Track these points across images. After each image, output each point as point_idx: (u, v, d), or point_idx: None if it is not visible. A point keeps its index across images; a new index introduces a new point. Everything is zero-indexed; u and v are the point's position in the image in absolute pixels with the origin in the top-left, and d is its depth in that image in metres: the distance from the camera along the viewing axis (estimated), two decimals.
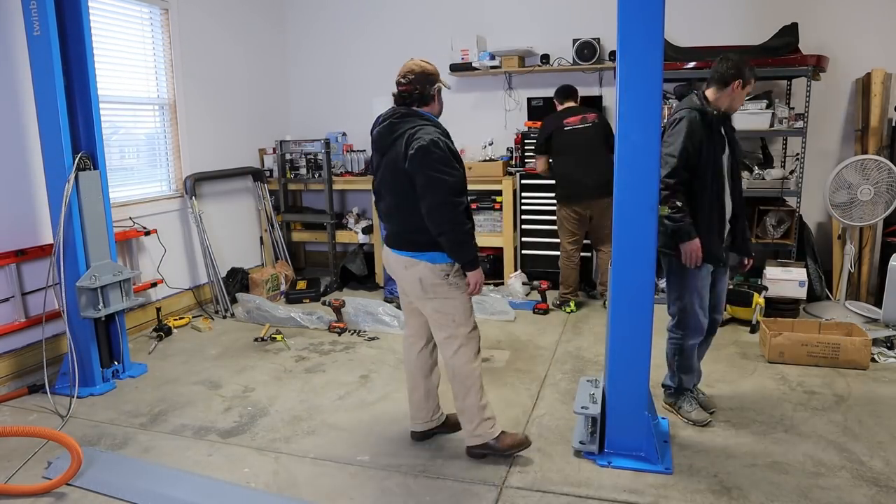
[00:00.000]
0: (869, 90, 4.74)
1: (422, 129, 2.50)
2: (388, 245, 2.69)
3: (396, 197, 2.57)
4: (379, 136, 2.61)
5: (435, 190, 2.43)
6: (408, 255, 2.59)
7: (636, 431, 2.64)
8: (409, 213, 2.53)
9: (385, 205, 2.67)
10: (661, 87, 2.42)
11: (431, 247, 2.54)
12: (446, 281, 2.57)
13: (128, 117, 4.60)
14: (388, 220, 2.68)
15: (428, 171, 2.43)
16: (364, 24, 6.08)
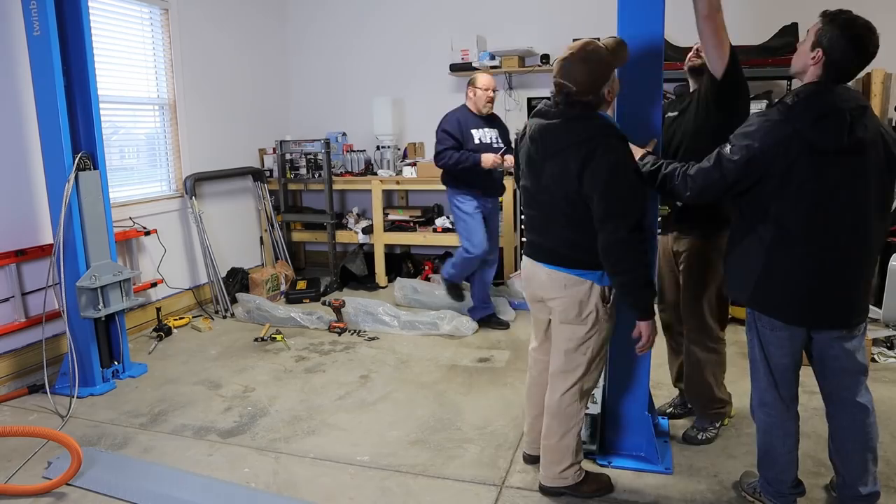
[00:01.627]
0: (869, 90, 4.74)
1: (603, 143, 2.06)
2: (538, 259, 2.30)
3: (557, 211, 2.19)
4: (542, 136, 2.17)
5: (616, 224, 2.05)
6: (572, 272, 2.21)
7: (636, 431, 2.64)
8: (573, 228, 2.17)
9: (537, 213, 2.27)
10: (661, 87, 2.43)
11: (599, 266, 2.18)
12: (605, 307, 2.24)
13: (128, 117, 4.60)
14: (541, 232, 2.28)
15: (610, 203, 2.05)
16: (364, 24, 6.08)
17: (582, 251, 2.19)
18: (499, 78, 5.72)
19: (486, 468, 2.67)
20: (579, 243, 2.19)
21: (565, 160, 2.10)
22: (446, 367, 3.79)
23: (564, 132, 2.12)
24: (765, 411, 2.22)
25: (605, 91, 2.11)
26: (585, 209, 2.12)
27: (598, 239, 2.11)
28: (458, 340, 4.24)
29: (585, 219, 2.13)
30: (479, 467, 2.68)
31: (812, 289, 2.01)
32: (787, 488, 2.24)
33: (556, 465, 2.41)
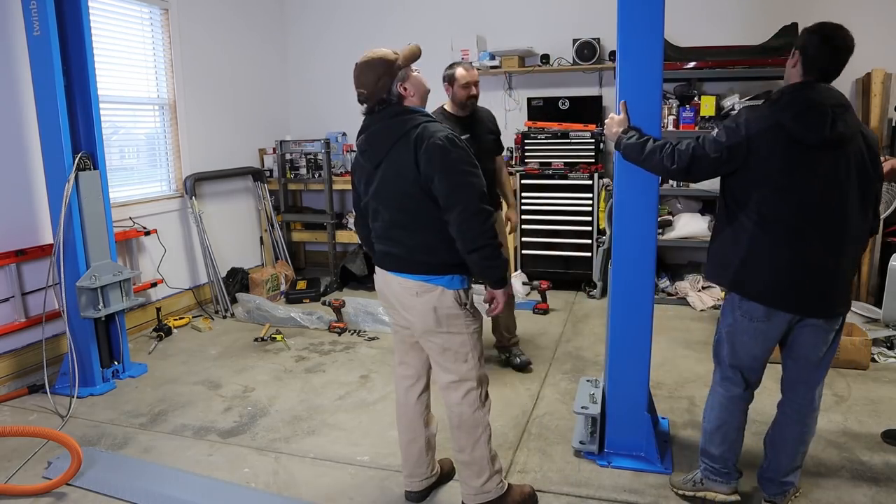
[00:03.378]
0: (869, 90, 4.74)
1: (428, 126, 2.09)
2: (388, 269, 2.22)
3: (401, 213, 2.14)
4: (370, 142, 2.17)
5: (464, 196, 2.04)
6: (420, 279, 2.14)
7: (636, 431, 2.64)
8: (419, 230, 2.13)
9: (382, 223, 2.20)
10: (661, 87, 2.43)
11: (448, 269, 2.14)
12: (464, 311, 2.18)
13: (128, 117, 4.60)
14: (388, 241, 2.20)
15: (452, 175, 2.04)
16: (364, 24, 6.07)
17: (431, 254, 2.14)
18: (499, 78, 5.73)
19: None
20: (429, 246, 2.14)
21: (398, 155, 2.09)
22: None
23: (387, 131, 2.12)
24: (725, 386, 2.32)
25: (399, 88, 2.12)
26: (430, 204, 2.08)
27: (449, 223, 2.07)
28: None
29: (431, 217, 2.10)
30: None
31: (791, 275, 2.08)
32: (732, 466, 2.34)
33: (476, 478, 2.29)
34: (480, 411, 2.27)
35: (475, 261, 2.10)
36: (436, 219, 2.10)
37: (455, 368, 2.23)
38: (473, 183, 2.06)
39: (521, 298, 5.03)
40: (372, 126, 2.17)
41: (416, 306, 2.16)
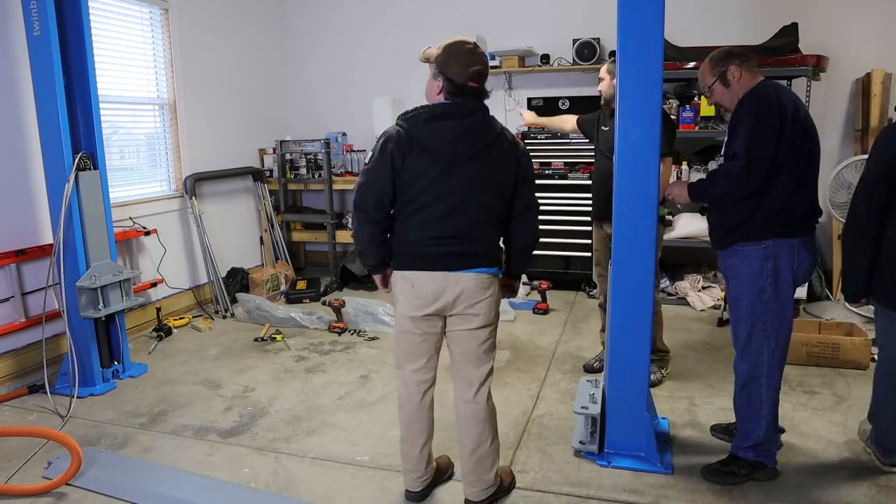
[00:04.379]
0: (869, 90, 4.74)
1: (507, 130, 2.26)
2: (460, 267, 2.16)
3: (486, 208, 2.17)
4: (470, 133, 2.12)
5: (536, 200, 2.30)
6: (490, 272, 2.20)
7: (636, 431, 2.64)
8: (492, 226, 2.21)
9: (465, 220, 2.14)
10: (661, 87, 2.43)
11: (498, 262, 2.27)
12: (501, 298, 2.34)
13: (128, 117, 4.60)
14: (464, 238, 2.15)
15: (533, 182, 2.27)
16: (364, 24, 6.08)
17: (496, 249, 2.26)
18: (499, 78, 5.74)
19: None
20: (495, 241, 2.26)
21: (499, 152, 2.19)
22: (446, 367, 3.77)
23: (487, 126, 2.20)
24: None
25: None
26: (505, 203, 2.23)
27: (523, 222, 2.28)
28: None
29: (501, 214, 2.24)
30: None
31: None
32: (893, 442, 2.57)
33: (489, 471, 2.35)
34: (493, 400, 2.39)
35: (527, 255, 2.36)
36: (502, 216, 2.25)
37: (489, 360, 2.33)
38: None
39: (521, 298, 5.03)
40: (468, 117, 2.14)
41: (486, 298, 2.22)
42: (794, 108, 2.35)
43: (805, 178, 2.38)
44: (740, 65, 2.45)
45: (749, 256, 2.42)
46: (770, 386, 2.46)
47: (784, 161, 2.32)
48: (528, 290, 5.17)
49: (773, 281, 2.39)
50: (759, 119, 2.31)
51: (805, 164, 2.37)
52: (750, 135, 2.31)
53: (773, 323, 2.42)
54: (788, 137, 2.31)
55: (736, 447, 2.54)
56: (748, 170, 2.32)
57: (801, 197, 2.38)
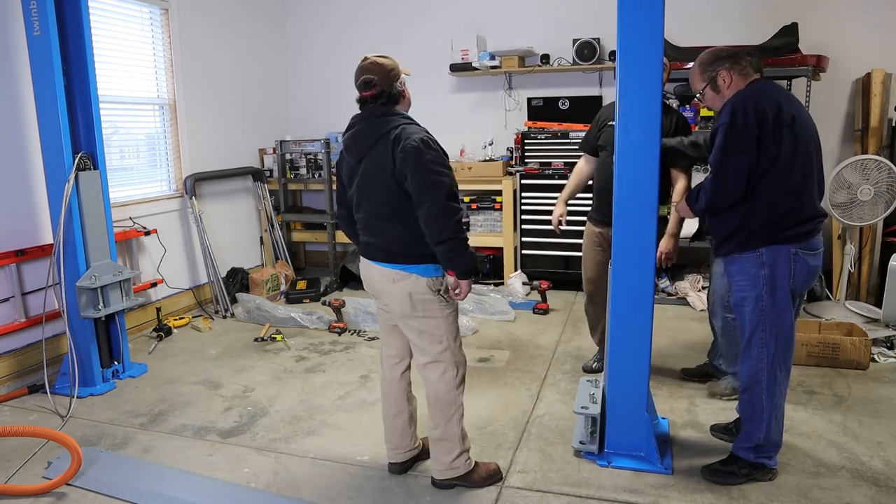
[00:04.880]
0: (869, 90, 4.74)
1: (406, 127, 2.30)
2: (370, 258, 2.43)
3: (381, 205, 2.34)
4: (355, 139, 2.36)
5: (433, 194, 2.23)
6: (397, 267, 2.35)
7: (636, 431, 2.64)
8: (396, 222, 2.33)
9: (365, 214, 2.40)
10: (661, 87, 2.43)
11: (422, 259, 2.34)
12: (437, 296, 2.37)
13: (128, 117, 4.60)
14: (370, 231, 2.41)
15: (423, 174, 2.23)
16: (364, 25, 6.08)
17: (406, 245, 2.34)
18: (499, 78, 5.73)
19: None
20: (405, 238, 2.33)
21: (379, 153, 2.29)
22: None
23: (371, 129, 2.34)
24: None
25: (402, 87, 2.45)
26: (405, 199, 2.28)
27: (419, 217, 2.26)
28: None
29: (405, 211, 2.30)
30: None
31: None
32: None
33: (446, 454, 2.48)
34: (455, 391, 2.46)
35: (441, 252, 2.29)
36: (410, 213, 2.29)
37: (430, 349, 2.43)
38: (442, 182, 2.24)
39: (521, 298, 5.03)
40: (358, 125, 2.37)
41: (392, 292, 2.38)
42: (777, 112, 2.27)
43: (797, 184, 2.32)
44: (730, 68, 2.41)
45: (745, 264, 2.40)
46: (771, 391, 2.44)
47: (767, 169, 2.28)
48: (528, 290, 5.17)
49: (769, 289, 2.36)
50: (734, 129, 2.27)
51: (798, 171, 2.31)
52: (725, 146, 2.28)
53: (771, 330, 2.40)
54: (768, 145, 2.26)
55: (737, 447, 2.54)
56: (724, 182, 2.30)
57: (792, 203, 2.33)
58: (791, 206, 2.33)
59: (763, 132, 2.25)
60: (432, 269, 2.36)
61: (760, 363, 2.43)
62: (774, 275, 2.35)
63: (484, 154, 5.55)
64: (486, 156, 5.53)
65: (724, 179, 2.31)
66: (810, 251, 2.38)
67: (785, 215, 2.33)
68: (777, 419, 2.49)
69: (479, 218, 5.49)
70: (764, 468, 2.50)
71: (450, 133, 5.56)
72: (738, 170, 2.27)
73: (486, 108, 5.81)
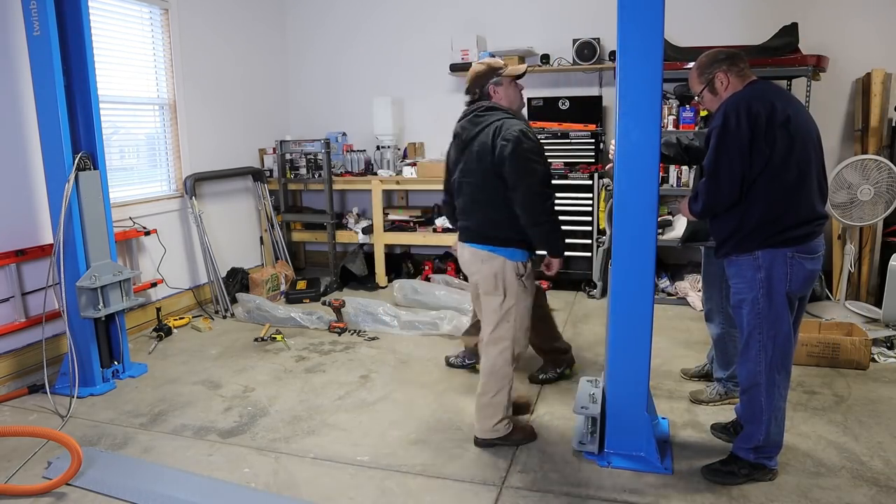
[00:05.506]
0: (869, 90, 4.74)
1: (507, 121, 2.59)
2: (464, 240, 2.76)
3: (479, 191, 2.64)
4: (461, 129, 2.71)
5: (528, 180, 2.52)
6: (488, 248, 2.65)
7: (636, 431, 2.64)
8: (491, 207, 2.62)
9: (465, 199, 2.71)
10: (661, 87, 2.43)
11: (510, 243, 2.63)
12: (518, 281, 2.65)
13: (128, 117, 4.60)
14: (467, 215, 2.73)
15: (520, 162, 2.51)
16: (364, 24, 6.08)
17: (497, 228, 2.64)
18: None
19: (485, 468, 2.67)
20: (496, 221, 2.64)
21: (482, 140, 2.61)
22: (446, 367, 3.79)
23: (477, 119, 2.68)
24: None
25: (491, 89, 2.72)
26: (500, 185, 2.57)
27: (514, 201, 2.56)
28: (458, 340, 4.23)
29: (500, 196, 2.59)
30: (478, 467, 2.68)
31: None
32: None
33: (490, 419, 2.75)
34: (510, 366, 2.74)
35: (536, 234, 2.61)
36: (504, 198, 2.59)
37: (501, 327, 2.71)
38: (536, 169, 2.54)
39: None
40: (464, 117, 2.73)
41: (482, 271, 2.69)
42: (770, 113, 2.26)
43: (792, 184, 2.30)
44: (727, 70, 2.41)
45: (742, 267, 2.40)
46: (770, 393, 2.44)
47: (761, 170, 2.27)
48: None
49: (765, 292, 2.35)
50: (727, 132, 2.27)
51: (793, 172, 2.29)
52: (716, 148, 2.28)
53: (768, 333, 2.39)
54: (761, 147, 2.25)
55: (737, 447, 2.54)
56: (717, 185, 2.30)
57: (788, 204, 2.31)
58: (787, 207, 2.31)
59: (756, 134, 2.25)
60: (519, 254, 2.64)
61: (758, 365, 2.43)
62: (771, 278, 2.34)
63: None
64: None
65: (718, 182, 2.31)
66: (808, 255, 2.35)
67: (781, 216, 2.31)
68: (777, 421, 2.48)
69: None
70: (764, 468, 2.50)
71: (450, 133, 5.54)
72: (731, 172, 2.27)
73: None
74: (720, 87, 2.44)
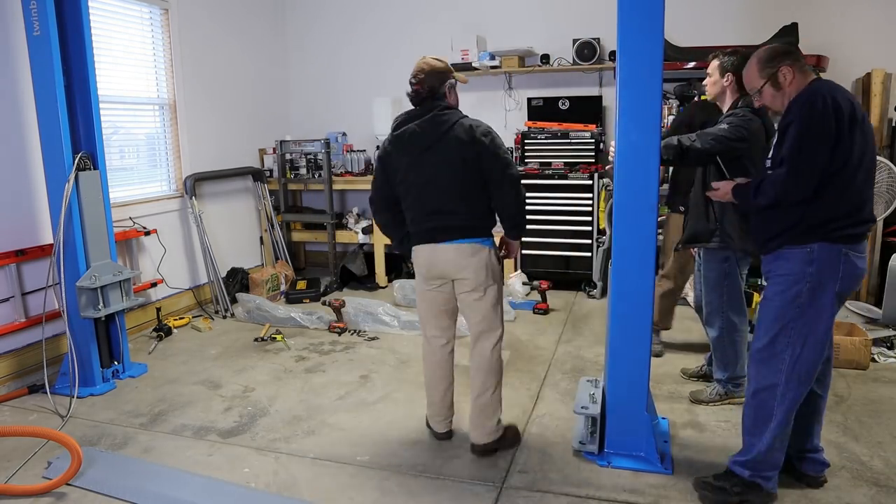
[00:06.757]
0: (869, 90, 4.74)
1: (471, 118, 2.63)
2: (444, 240, 2.62)
3: (456, 187, 2.59)
4: (420, 131, 2.60)
5: (510, 171, 2.58)
6: (475, 241, 2.63)
7: (636, 431, 2.64)
8: (475, 200, 2.62)
9: (439, 198, 2.60)
10: (661, 87, 2.43)
11: (488, 232, 2.69)
12: (498, 265, 2.71)
13: (128, 117, 4.60)
14: (444, 214, 2.62)
15: (501, 155, 2.57)
16: (364, 25, 6.08)
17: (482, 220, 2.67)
18: (499, 78, 5.74)
19: (486, 468, 2.67)
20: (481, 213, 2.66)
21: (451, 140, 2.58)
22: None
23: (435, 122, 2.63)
24: None
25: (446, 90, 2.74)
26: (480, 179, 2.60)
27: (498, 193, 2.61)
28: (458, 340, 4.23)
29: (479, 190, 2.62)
30: (478, 467, 2.68)
31: None
32: None
33: (490, 418, 2.74)
34: (501, 358, 2.78)
35: (513, 219, 2.69)
36: (480, 191, 2.62)
37: (492, 317, 2.72)
38: (511, 161, 2.62)
39: (521, 298, 5.03)
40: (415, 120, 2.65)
41: (472, 264, 2.64)
42: (851, 110, 2.14)
43: (859, 186, 2.19)
44: (792, 64, 2.26)
45: (791, 259, 2.25)
46: (785, 400, 2.26)
47: (838, 168, 2.15)
48: (528, 290, 5.17)
49: (811, 287, 2.21)
50: (812, 123, 2.13)
51: (861, 171, 2.19)
52: (800, 140, 2.13)
53: (802, 330, 2.22)
54: (844, 143, 2.13)
55: (732, 461, 2.41)
56: (796, 178, 2.14)
57: (854, 204, 2.20)
58: (852, 207, 2.20)
59: (840, 129, 2.13)
60: (491, 241, 2.69)
61: (781, 364, 2.25)
62: (822, 272, 2.20)
63: None
64: None
65: (798, 176, 2.16)
66: (859, 254, 2.24)
67: (845, 215, 2.20)
68: (783, 435, 2.31)
69: None
70: (759, 489, 2.34)
71: None
72: (812, 166, 2.13)
73: (486, 108, 5.80)
74: (784, 82, 2.27)
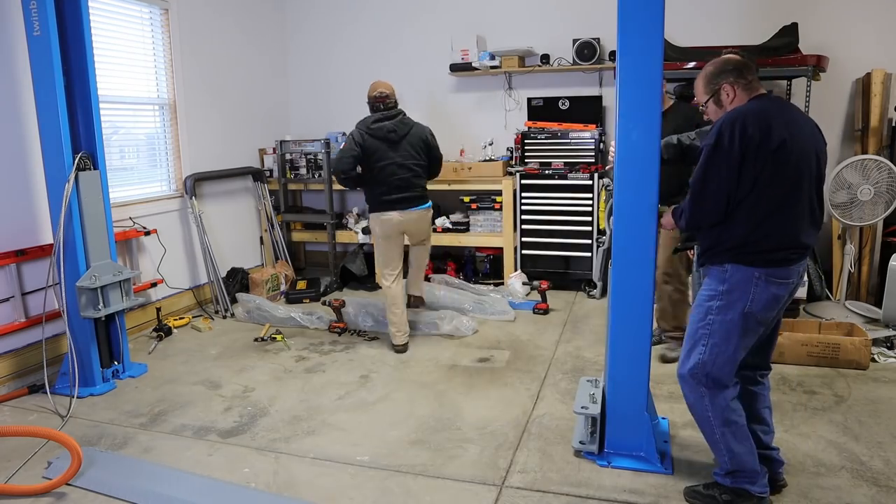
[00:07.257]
0: (869, 90, 4.74)
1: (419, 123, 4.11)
2: (415, 206, 4.03)
3: (422, 169, 4.05)
4: (394, 128, 3.95)
5: (440, 156, 4.21)
6: (429, 205, 4.16)
7: (636, 431, 2.64)
8: (426, 178, 4.12)
9: (407, 176, 3.96)
10: (661, 87, 2.43)
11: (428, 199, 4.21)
12: None
13: (128, 117, 4.60)
14: (412, 187, 3.99)
15: (437, 147, 4.16)
16: (364, 25, 6.08)
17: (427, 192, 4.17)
18: (499, 78, 5.73)
19: (485, 468, 2.67)
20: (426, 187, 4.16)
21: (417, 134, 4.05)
22: (446, 367, 3.79)
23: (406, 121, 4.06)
24: None
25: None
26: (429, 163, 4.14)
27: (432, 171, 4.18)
28: (458, 340, 4.24)
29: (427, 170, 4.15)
30: (478, 467, 2.68)
31: None
32: None
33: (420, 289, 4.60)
34: None
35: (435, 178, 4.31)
36: (427, 169, 4.12)
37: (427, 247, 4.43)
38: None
39: (521, 298, 5.03)
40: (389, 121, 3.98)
41: (426, 220, 4.20)
42: (765, 137, 2.14)
43: (778, 212, 2.20)
44: (734, 82, 2.31)
45: (711, 276, 2.32)
46: (715, 407, 2.30)
47: (747, 195, 2.18)
48: (528, 290, 5.17)
49: (721, 304, 2.25)
50: (718, 149, 2.18)
51: (778, 199, 2.19)
52: (705, 166, 2.21)
53: (711, 349, 2.27)
54: (749, 170, 2.16)
55: (714, 472, 2.45)
56: (701, 204, 2.24)
57: (770, 230, 2.21)
58: (768, 231, 2.21)
59: (746, 157, 2.15)
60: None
61: (699, 381, 2.31)
62: (732, 293, 2.24)
63: (484, 154, 5.55)
64: (486, 156, 5.53)
65: (702, 201, 2.24)
66: (778, 279, 2.24)
67: (760, 240, 2.22)
68: (737, 438, 2.32)
69: (479, 218, 5.48)
70: (747, 494, 2.34)
71: (450, 133, 5.57)
72: (717, 193, 2.19)
73: (486, 108, 5.81)
74: (725, 100, 2.34)
